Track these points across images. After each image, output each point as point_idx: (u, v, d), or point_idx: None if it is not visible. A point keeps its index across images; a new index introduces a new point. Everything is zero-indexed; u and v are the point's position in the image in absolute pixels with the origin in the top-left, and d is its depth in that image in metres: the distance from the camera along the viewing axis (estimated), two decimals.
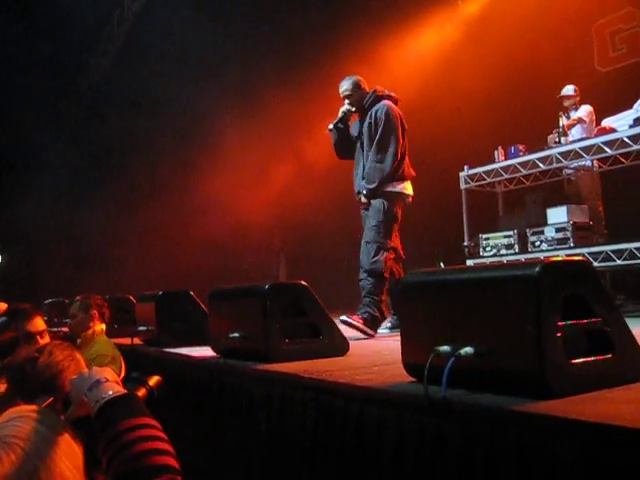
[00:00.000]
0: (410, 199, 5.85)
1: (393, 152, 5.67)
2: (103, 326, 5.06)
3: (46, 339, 3.80)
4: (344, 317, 5.33)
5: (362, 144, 5.93)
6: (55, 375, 2.29)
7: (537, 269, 2.12)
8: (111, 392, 1.52)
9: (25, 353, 2.44)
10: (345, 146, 6.11)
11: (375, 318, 5.50)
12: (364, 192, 5.75)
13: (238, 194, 11.49)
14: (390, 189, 5.71)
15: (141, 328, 5.73)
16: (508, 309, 2.19)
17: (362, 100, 5.95)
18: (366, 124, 5.85)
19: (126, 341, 5.66)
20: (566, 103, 8.42)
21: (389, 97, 5.94)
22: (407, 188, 5.83)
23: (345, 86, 6.02)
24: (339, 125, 6.02)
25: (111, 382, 1.58)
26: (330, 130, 6.09)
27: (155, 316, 5.51)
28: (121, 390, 1.56)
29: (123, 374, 4.96)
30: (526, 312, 2.12)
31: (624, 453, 1.66)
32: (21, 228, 14.00)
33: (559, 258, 2.49)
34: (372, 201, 5.71)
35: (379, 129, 5.73)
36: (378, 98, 5.90)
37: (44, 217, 14.20)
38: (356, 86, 5.99)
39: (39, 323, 3.91)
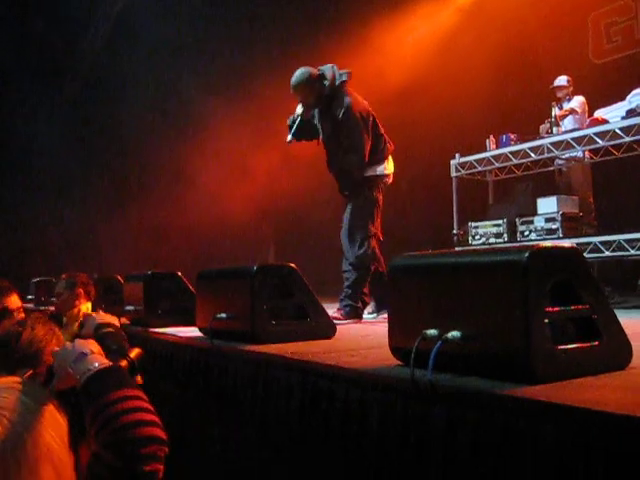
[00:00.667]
0: (390, 179, 5.69)
1: (361, 156, 5.43)
2: (89, 305, 5.06)
3: (21, 316, 3.80)
4: None
5: (326, 136, 5.70)
6: (39, 350, 2.28)
7: (527, 255, 2.12)
8: (97, 364, 1.52)
9: (6, 327, 2.43)
10: (306, 135, 5.83)
11: (357, 309, 5.51)
12: (345, 193, 5.68)
13: (227, 179, 11.47)
14: (370, 173, 5.54)
15: (128, 308, 5.72)
16: (497, 294, 2.19)
17: (318, 94, 5.54)
18: (328, 120, 5.59)
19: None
20: (559, 94, 8.42)
21: (344, 85, 5.58)
22: (388, 168, 5.65)
23: (293, 82, 5.58)
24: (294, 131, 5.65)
25: (96, 354, 1.58)
26: (289, 143, 5.75)
27: (143, 296, 5.49)
28: (106, 362, 1.55)
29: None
30: (514, 297, 2.12)
31: (608, 438, 1.66)
32: (10, 207, 13.94)
33: (549, 244, 2.48)
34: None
35: (343, 131, 5.48)
36: (336, 91, 5.54)
37: (34, 197, 14.13)
38: (307, 82, 5.51)
39: (15, 300, 3.90)
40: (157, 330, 5.08)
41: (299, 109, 5.63)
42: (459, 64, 9.83)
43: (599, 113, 7.33)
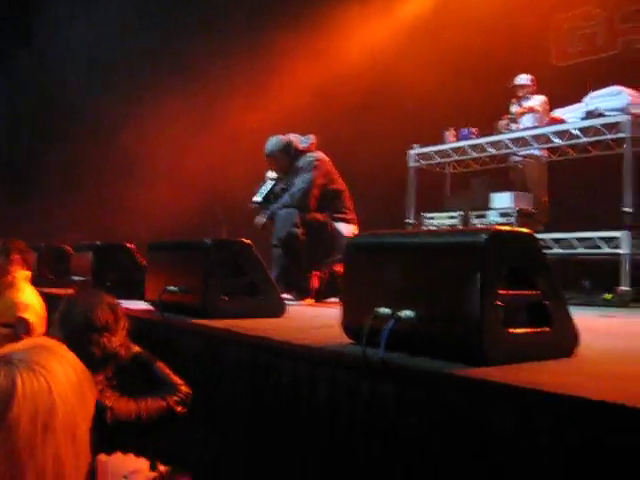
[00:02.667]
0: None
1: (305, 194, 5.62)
2: (28, 273, 4.85)
3: None
4: None
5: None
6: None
7: (484, 236, 2.12)
8: None
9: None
10: (272, 200, 5.99)
11: (307, 290, 5.53)
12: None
13: (180, 159, 11.36)
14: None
15: (75, 278, 5.61)
16: (452, 274, 2.18)
17: (290, 160, 5.83)
18: (294, 179, 5.78)
19: (60, 292, 5.53)
20: (520, 92, 8.50)
21: (310, 146, 5.88)
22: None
23: (270, 148, 5.88)
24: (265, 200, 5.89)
25: None
26: (256, 204, 5.96)
27: (91, 267, 5.40)
28: None
29: (44, 328, 4.77)
30: (469, 278, 2.12)
31: (554, 419, 1.68)
32: None
33: (506, 228, 2.49)
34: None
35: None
36: (302, 153, 5.82)
37: None
38: (283, 150, 5.83)
39: None
40: None
41: (270, 174, 5.99)
42: (422, 58, 9.82)
43: (557, 113, 7.41)
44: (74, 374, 1.26)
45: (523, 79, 8.52)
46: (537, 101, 8.30)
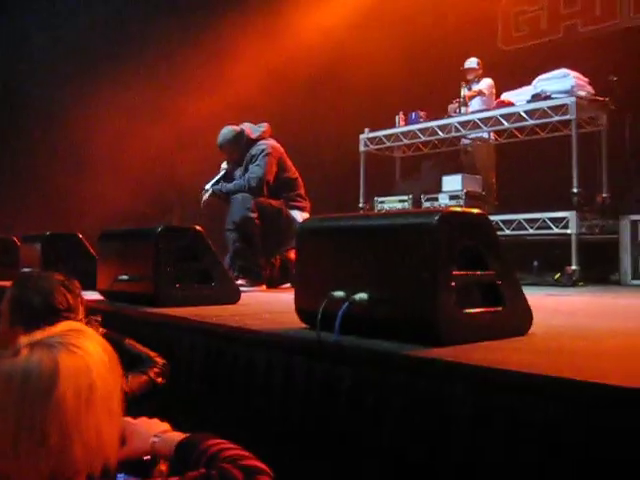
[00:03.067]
0: None
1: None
2: None
3: None
4: None
5: None
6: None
7: (437, 217, 2.12)
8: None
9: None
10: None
11: (260, 276, 5.53)
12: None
13: (130, 143, 11.17)
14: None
15: (25, 270, 5.49)
16: (405, 256, 2.18)
17: (242, 150, 5.87)
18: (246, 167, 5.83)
19: (7, 284, 5.41)
20: (469, 76, 8.55)
21: (262, 135, 5.92)
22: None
23: (221, 139, 5.92)
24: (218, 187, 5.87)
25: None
26: (206, 191, 5.96)
27: (40, 258, 5.29)
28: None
29: None
30: (423, 259, 2.12)
31: (508, 395, 1.69)
32: None
33: (458, 209, 2.51)
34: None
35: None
36: (254, 142, 5.86)
37: None
38: (234, 140, 5.87)
39: None
40: None
41: (224, 165, 6.02)
42: (372, 43, 9.81)
43: (506, 96, 7.49)
44: (105, 353, 1.36)
45: (472, 62, 8.58)
46: (485, 84, 8.37)
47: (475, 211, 2.39)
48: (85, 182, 11.02)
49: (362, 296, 2.22)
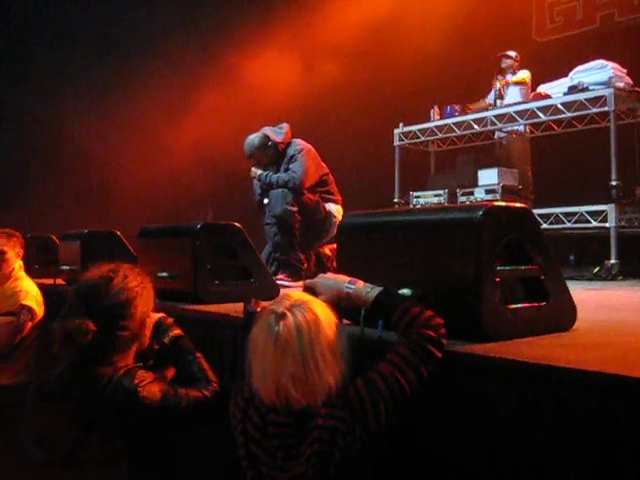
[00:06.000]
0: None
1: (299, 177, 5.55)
2: (20, 262, 4.95)
3: None
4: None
5: None
6: (128, 300, 2.31)
7: (481, 212, 2.11)
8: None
9: (98, 272, 2.36)
10: None
11: (300, 271, 5.51)
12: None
13: (162, 142, 11.24)
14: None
15: (64, 268, 5.55)
16: (449, 251, 2.17)
17: (271, 155, 5.78)
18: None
19: (48, 281, 5.49)
20: (504, 64, 8.42)
21: (288, 136, 5.82)
22: (339, 212, 5.74)
23: (249, 150, 5.82)
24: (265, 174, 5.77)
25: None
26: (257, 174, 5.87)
27: (79, 255, 5.33)
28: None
29: (42, 314, 4.82)
30: (467, 255, 2.12)
31: (557, 391, 1.68)
32: None
33: (502, 203, 2.48)
34: None
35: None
36: (286, 145, 5.76)
37: None
38: (262, 147, 5.76)
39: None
40: None
41: (255, 170, 5.86)
42: (405, 37, 9.77)
43: (542, 88, 7.42)
44: (326, 308, 1.99)
45: (510, 52, 8.47)
46: (525, 74, 8.24)
47: (519, 205, 2.37)
48: (121, 181, 11.13)
49: (405, 292, 2.21)
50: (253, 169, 5.89)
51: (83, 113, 11.56)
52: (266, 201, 5.68)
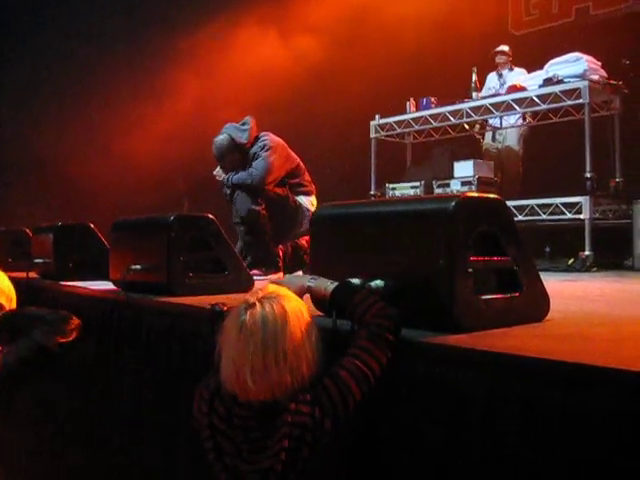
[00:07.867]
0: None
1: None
2: None
3: None
4: None
5: None
6: None
7: (453, 203, 2.10)
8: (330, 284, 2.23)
9: None
10: None
11: (276, 263, 5.50)
12: None
13: (137, 133, 11.15)
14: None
15: (37, 261, 5.51)
16: (422, 242, 2.17)
17: (241, 154, 5.61)
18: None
19: (21, 275, 5.42)
20: (500, 60, 8.41)
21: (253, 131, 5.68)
22: (313, 204, 5.67)
23: (219, 152, 5.62)
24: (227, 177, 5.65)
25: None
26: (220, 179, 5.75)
27: (52, 248, 5.30)
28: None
29: (13, 308, 4.76)
30: (439, 245, 2.11)
31: (527, 382, 1.67)
32: None
33: (475, 194, 2.48)
34: None
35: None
36: (253, 140, 5.62)
37: None
38: (232, 148, 5.58)
39: None
40: (68, 283, 4.91)
41: (218, 172, 5.73)
42: (382, 28, 9.78)
43: (517, 81, 7.44)
44: (298, 302, 2.01)
45: (503, 47, 8.46)
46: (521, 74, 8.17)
47: (492, 196, 2.37)
48: (94, 173, 11.02)
49: (378, 283, 2.20)
50: (216, 172, 5.77)
51: (51, 105, 11.44)
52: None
